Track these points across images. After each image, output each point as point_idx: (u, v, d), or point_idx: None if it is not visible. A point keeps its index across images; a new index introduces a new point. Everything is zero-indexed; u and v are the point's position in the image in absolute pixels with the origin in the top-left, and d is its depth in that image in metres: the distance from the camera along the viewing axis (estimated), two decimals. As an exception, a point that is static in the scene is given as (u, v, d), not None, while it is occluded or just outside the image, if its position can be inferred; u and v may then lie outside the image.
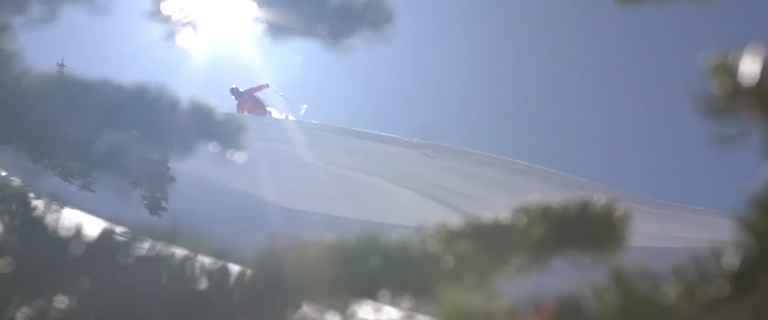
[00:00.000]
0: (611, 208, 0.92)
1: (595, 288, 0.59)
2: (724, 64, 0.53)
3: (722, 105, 0.53)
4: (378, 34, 1.01)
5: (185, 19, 0.93)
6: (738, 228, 0.61)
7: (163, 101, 0.94)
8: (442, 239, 0.88)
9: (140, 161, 0.82)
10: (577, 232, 0.90)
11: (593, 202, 0.93)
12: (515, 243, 0.87)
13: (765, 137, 0.54)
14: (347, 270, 0.77)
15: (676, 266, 0.64)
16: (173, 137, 0.89)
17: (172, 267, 0.56)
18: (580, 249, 0.91)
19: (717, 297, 0.62)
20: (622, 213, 0.92)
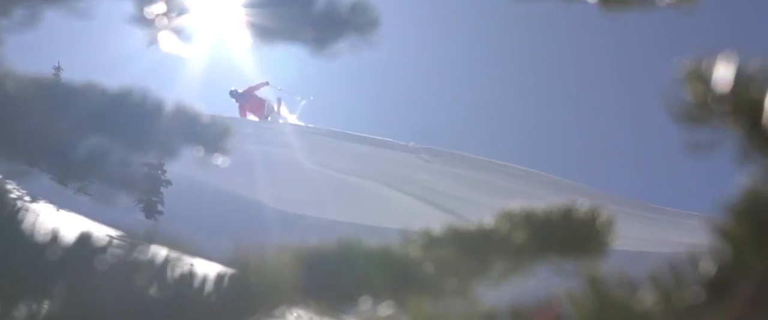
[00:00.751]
0: (594, 214, 0.92)
1: (570, 294, 0.59)
2: (697, 71, 0.53)
3: (695, 112, 0.53)
4: (364, 39, 1.01)
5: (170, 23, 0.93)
6: (714, 235, 0.61)
7: (148, 104, 0.94)
8: (424, 244, 0.88)
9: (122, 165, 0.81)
10: (560, 238, 0.90)
11: (576, 207, 0.93)
12: (497, 248, 0.87)
13: (738, 144, 0.54)
14: (326, 274, 0.76)
15: (652, 272, 0.64)
16: (157, 141, 0.89)
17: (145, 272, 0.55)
18: (563, 255, 0.91)
19: (693, 303, 0.62)
20: (606, 219, 0.92)
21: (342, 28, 1.01)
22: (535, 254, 0.89)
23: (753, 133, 0.53)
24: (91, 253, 0.59)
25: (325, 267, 0.79)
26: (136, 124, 0.89)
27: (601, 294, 0.60)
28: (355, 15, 1.00)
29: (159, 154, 0.90)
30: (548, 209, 0.92)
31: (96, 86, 0.94)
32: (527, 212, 0.93)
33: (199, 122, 0.98)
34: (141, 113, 0.90)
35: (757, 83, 0.53)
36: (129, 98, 0.93)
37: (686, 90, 0.53)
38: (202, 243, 0.83)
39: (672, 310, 0.61)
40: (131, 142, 0.87)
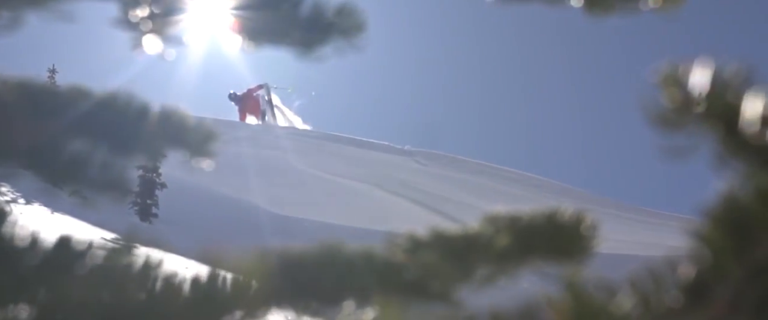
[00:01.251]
0: (579, 218, 0.92)
1: (548, 299, 0.59)
2: (674, 76, 0.53)
3: (672, 117, 0.53)
4: (349, 42, 1.01)
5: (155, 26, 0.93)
6: (693, 240, 0.61)
7: (133, 108, 0.94)
8: (409, 247, 0.88)
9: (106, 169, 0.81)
10: (544, 242, 0.90)
11: (561, 212, 0.93)
12: (481, 252, 0.86)
13: (715, 149, 0.54)
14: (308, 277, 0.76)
15: (631, 276, 0.64)
16: (142, 145, 0.89)
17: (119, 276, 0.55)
18: (547, 259, 0.91)
19: (671, 307, 0.62)
20: (590, 223, 0.92)
21: (328, 31, 1.01)
22: (520, 258, 0.89)
23: (729, 138, 0.53)
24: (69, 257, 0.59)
25: (307, 270, 0.79)
26: (121, 127, 0.88)
27: (580, 298, 0.60)
28: (340, 18, 1.00)
29: (144, 157, 0.90)
30: (533, 213, 0.92)
31: (81, 89, 0.94)
32: (512, 216, 0.93)
33: (184, 126, 0.98)
34: (126, 117, 0.90)
35: (733, 88, 0.53)
36: (114, 102, 0.92)
37: (663, 95, 0.53)
38: (195, 246, 0.83)
39: (651, 314, 0.61)
40: (116, 145, 0.87)
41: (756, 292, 0.62)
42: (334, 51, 1.03)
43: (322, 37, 1.03)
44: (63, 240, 0.62)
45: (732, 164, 0.54)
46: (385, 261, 0.83)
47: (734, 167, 0.55)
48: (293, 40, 1.05)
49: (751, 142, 0.53)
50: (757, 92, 0.53)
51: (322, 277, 0.79)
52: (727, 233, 0.59)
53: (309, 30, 1.02)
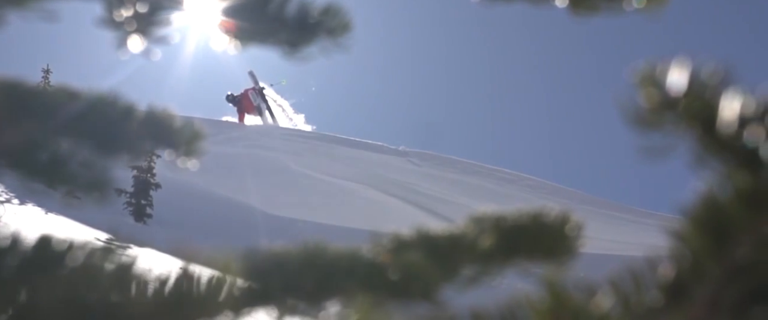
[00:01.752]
0: (564, 218, 0.92)
1: (527, 299, 0.59)
2: (652, 76, 0.53)
3: (649, 117, 0.53)
4: (336, 42, 1.01)
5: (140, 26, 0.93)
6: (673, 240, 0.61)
7: (117, 107, 0.93)
8: (393, 247, 0.88)
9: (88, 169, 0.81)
10: (528, 242, 0.90)
11: (546, 212, 0.93)
12: (465, 252, 0.86)
13: (693, 149, 0.54)
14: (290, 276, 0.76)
15: (612, 276, 0.64)
16: (126, 145, 0.89)
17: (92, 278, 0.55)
18: (531, 259, 0.91)
19: (651, 308, 0.62)
20: (575, 223, 0.92)
21: (314, 31, 1.01)
22: (504, 258, 0.89)
23: (706, 138, 0.53)
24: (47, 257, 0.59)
25: (289, 270, 0.79)
26: (105, 127, 0.88)
27: (559, 298, 0.60)
28: (327, 18, 1.00)
29: (128, 157, 0.90)
30: (518, 213, 0.93)
31: (65, 88, 0.93)
32: (497, 216, 0.93)
33: (170, 125, 0.98)
34: (109, 117, 0.90)
35: (711, 88, 0.53)
36: (98, 101, 0.92)
37: (640, 94, 0.53)
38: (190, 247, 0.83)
39: (630, 314, 0.61)
40: (99, 145, 0.87)
41: (735, 293, 0.62)
42: (320, 51, 1.03)
43: (308, 36, 1.03)
44: (43, 241, 0.62)
45: (710, 164, 0.55)
46: (369, 261, 0.83)
47: (712, 167, 0.55)
48: (280, 40, 1.05)
49: (729, 142, 0.53)
50: (734, 91, 0.53)
51: (304, 277, 0.79)
52: (706, 233, 0.59)
53: (295, 30, 1.02)
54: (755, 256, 0.60)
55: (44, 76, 19.38)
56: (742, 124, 0.54)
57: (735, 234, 0.59)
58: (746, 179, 0.56)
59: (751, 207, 0.57)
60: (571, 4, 0.88)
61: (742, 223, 0.58)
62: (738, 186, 0.56)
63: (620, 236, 15.39)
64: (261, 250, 0.83)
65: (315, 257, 0.82)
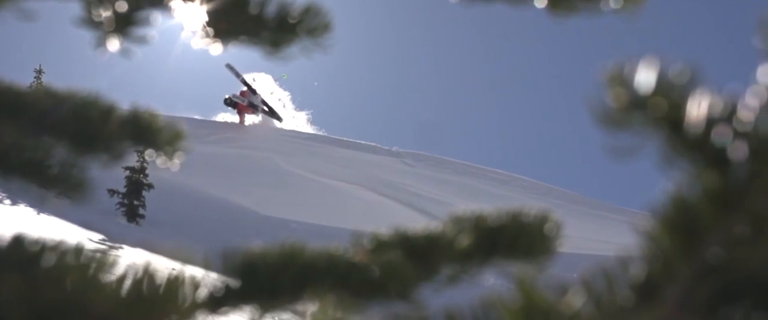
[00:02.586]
0: (543, 218, 0.92)
1: (498, 298, 0.59)
2: (620, 75, 0.53)
3: (617, 117, 0.53)
4: (316, 42, 1.01)
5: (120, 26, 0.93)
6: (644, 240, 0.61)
7: (96, 107, 0.93)
8: (372, 247, 0.88)
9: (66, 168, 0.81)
10: (507, 242, 0.90)
11: (525, 212, 0.93)
12: (443, 252, 0.87)
13: (661, 149, 0.54)
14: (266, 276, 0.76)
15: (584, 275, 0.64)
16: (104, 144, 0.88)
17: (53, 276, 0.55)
18: (510, 259, 0.91)
19: (622, 307, 0.62)
20: (554, 223, 0.92)
21: (294, 31, 1.01)
22: (483, 258, 0.89)
23: (674, 138, 0.54)
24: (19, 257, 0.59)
25: (266, 269, 0.79)
26: (83, 127, 0.88)
27: (530, 297, 0.60)
28: (307, 18, 1.00)
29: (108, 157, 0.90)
30: (497, 212, 0.93)
31: (45, 88, 0.93)
32: (477, 216, 0.93)
33: (151, 125, 0.98)
34: (89, 116, 0.90)
35: (679, 88, 0.53)
36: (77, 101, 0.92)
37: (609, 94, 0.53)
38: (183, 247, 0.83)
39: (601, 313, 0.62)
40: (78, 145, 0.87)
41: (705, 292, 0.62)
42: (301, 51, 1.03)
43: (288, 36, 1.03)
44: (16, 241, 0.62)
45: (679, 163, 0.55)
46: (347, 261, 0.83)
47: (681, 166, 0.55)
48: (261, 40, 1.05)
49: (697, 142, 0.54)
50: (702, 92, 0.53)
51: (281, 276, 0.79)
52: (675, 233, 0.59)
53: (276, 29, 1.02)
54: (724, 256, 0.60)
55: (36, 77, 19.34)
56: (710, 124, 0.54)
57: (704, 234, 0.59)
58: (715, 179, 0.56)
59: (719, 207, 0.58)
60: (550, 5, 0.89)
61: (711, 223, 0.58)
62: (706, 186, 0.56)
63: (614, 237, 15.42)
64: (240, 249, 0.83)
65: (292, 256, 0.82)
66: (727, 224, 0.58)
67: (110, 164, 0.92)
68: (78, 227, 12.39)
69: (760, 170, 0.54)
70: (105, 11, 0.91)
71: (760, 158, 0.54)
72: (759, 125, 0.53)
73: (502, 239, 0.90)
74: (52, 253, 0.54)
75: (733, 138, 0.54)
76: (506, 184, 22.48)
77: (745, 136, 0.54)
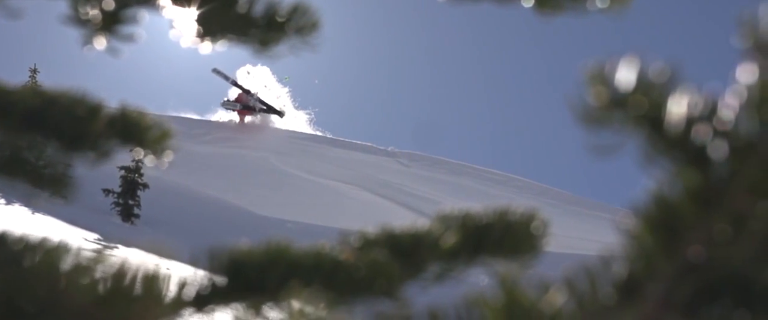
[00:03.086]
0: (529, 216, 0.93)
1: (479, 296, 0.59)
2: (601, 74, 0.53)
3: (598, 115, 0.53)
4: (304, 41, 1.01)
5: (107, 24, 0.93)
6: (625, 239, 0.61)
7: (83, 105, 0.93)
8: (359, 246, 0.88)
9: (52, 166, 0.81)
10: (493, 240, 0.90)
11: (512, 210, 0.93)
12: (429, 251, 0.87)
13: (641, 147, 0.54)
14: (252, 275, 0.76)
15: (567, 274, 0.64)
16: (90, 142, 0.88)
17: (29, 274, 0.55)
18: (496, 257, 0.91)
19: (604, 305, 0.62)
20: (540, 222, 0.93)
21: (282, 29, 1.01)
22: (469, 256, 0.89)
23: (655, 136, 0.54)
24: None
25: (252, 267, 0.79)
26: (69, 125, 0.88)
27: (512, 295, 0.61)
28: (295, 16, 1.00)
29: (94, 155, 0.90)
30: (484, 211, 0.93)
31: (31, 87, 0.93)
32: (464, 215, 0.93)
33: (138, 124, 0.98)
34: (75, 115, 0.90)
35: (659, 87, 0.53)
36: (64, 100, 0.92)
37: (589, 92, 0.53)
38: (179, 247, 0.83)
39: (583, 312, 0.62)
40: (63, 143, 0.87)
41: (687, 291, 0.62)
42: (289, 49, 1.03)
43: (277, 35, 1.03)
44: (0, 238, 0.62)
45: (660, 162, 0.55)
46: (333, 259, 0.83)
47: (662, 165, 0.55)
48: (249, 38, 1.05)
49: (677, 141, 0.54)
50: (682, 90, 0.54)
51: (267, 275, 0.79)
52: (657, 232, 0.60)
53: (264, 28, 1.02)
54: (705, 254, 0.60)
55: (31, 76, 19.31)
56: (690, 123, 0.54)
57: (685, 233, 0.60)
58: (695, 178, 0.56)
59: (700, 206, 0.58)
60: (537, 4, 0.89)
61: (691, 221, 0.59)
62: (687, 185, 0.57)
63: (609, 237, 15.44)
64: (227, 248, 0.83)
65: (279, 254, 0.82)
66: (707, 222, 0.58)
67: (98, 162, 0.92)
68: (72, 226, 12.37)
69: (740, 168, 0.54)
70: (92, 9, 0.91)
71: (740, 156, 0.54)
72: (739, 124, 0.53)
73: (489, 237, 0.90)
74: (34, 251, 0.54)
75: (713, 137, 0.54)
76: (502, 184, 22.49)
77: (725, 135, 0.54)
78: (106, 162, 0.93)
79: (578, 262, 1.03)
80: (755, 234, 0.59)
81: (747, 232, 0.58)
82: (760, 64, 0.51)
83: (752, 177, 0.56)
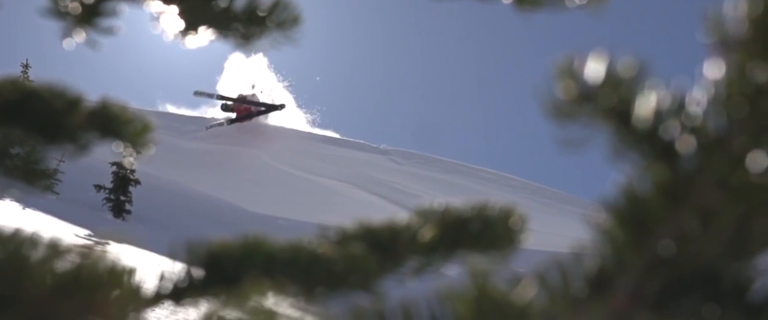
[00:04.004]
0: (507, 211, 0.93)
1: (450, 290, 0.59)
2: (570, 68, 0.53)
3: (567, 109, 0.53)
4: (285, 35, 1.02)
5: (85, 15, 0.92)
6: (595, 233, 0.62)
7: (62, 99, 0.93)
8: (336, 240, 0.88)
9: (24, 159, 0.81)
10: (471, 235, 0.90)
11: (491, 205, 0.93)
12: (407, 245, 0.87)
13: (610, 141, 0.55)
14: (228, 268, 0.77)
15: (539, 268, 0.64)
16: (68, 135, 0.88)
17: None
18: (474, 252, 0.91)
19: (574, 299, 0.62)
20: (519, 217, 0.93)
21: (263, 24, 1.01)
22: (447, 251, 0.90)
23: (623, 131, 0.54)
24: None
25: (229, 260, 0.79)
26: (47, 118, 0.88)
27: (482, 288, 0.61)
28: (276, 10, 1.00)
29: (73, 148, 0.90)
30: (463, 206, 0.93)
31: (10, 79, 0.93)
32: (443, 209, 0.94)
33: (118, 117, 0.98)
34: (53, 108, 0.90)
35: (628, 81, 0.54)
36: (43, 92, 0.92)
37: (558, 86, 0.54)
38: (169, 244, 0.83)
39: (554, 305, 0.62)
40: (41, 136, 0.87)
41: (656, 285, 0.62)
42: (270, 43, 1.03)
43: (258, 29, 1.03)
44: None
45: (629, 156, 0.55)
46: (310, 253, 0.83)
47: (631, 159, 0.55)
48: (231, 32, 1.05)
49: (645, 135, 0.54)
50: (650, 85, 0.54)
51: (244, 268, 0.79)
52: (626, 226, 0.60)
53: (246, 22, 1.02)
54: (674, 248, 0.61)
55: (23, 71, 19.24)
56: (658, 117, 0.54)
57: (654, 227, 0.60)
58: (663, 173, 0.56)
59: (668, 200, 0.58)
60: (516, 0, 0.89)
61: (660, 216, 0.59)
62: (655, 179, 0.57)
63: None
64: (204, 241, 0.83)
65: (256, 247, 0.82)
66: (676, 217, 0.58)
67: (76, 155, 0.92)
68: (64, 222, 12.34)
69: (708, 163, 0.55)
70: (71, 1, 0.91)
71: (708, 151, 0.54)
72: (706, 119, 0.54)
73: (467, 232, 0.91)
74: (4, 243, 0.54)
75: (681, 131, 0.54)
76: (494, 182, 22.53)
77: (693, 129, 0.54)
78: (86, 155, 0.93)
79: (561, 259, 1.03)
80: (723, 229, 0.59)
81: (715, 226, 0.59)
82: (726, 59, 0.51)
83: (720, 172, 0.56)
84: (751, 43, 0.50)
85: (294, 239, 0.87)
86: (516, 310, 0.61)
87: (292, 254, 0.83)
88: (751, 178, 0.56)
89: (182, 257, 0.82)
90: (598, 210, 0.61)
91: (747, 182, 0.57)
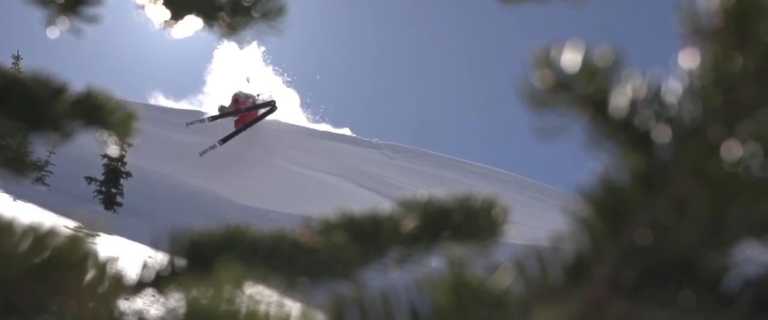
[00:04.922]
0: (490, 203, 0.93)
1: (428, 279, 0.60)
2: (546, 57, 0.54)
3: (543, 98, 0.54)
4: (270, 25, 1.02)
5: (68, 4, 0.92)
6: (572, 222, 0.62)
7: (47, 87, 0.93)
8: (319, 230, 0.89)
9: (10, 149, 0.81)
10: (453, 226, 0.91)
11: (473, 197, 0.94)
12: (389, 235, 0.87)
13: (587, 130, 0.55)
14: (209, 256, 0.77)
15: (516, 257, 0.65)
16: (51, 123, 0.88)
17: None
18: (457, 242, 0.92)
19: (552, 286, 0.63)
20: (501, 208, 0.93)
21: (249, 14, 1.01)
22: (429, 241, 0.90)
23: (599, 120, 0.54)
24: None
25: (211, 249, 0.79)
26: (30, 106, 0.88)
27: (459, 276, 0.61)
28: (261, 1, 1.01)
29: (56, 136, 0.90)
30: (446, 198, 0.94)
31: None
32: (426, 200, 0.94)
33: (102, 106, 0.98)
34: (36, 96, 0.90)
35: (604, 70, 0.54)
36: (27, 81, 0.92)
37: (535, 75, 0.54)
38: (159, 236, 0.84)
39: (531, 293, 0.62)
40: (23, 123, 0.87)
41: (633, 273, 0.63)
42: (255, 33, 1.03)
43: (244, 19, 1.03)
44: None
45: (605, 145, 0.56)
46: (292, 242, 0.84)
47: (607, 148, 0.56)
48: (217, 22, 1.05)
49: (621, 124, 0.55)
50: (626, 74, 0.54)
51: (226, 256, 0.79)
52: (603, 215, 0.60)
53: (231, 12, 1.03)
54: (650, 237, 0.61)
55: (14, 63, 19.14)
56: (634, 106, 0.55)
57: (630, 216, 0.60)
58: (639, 162, 0.57)
59: (644, 189, 0.59)
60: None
61: (636, 204, 0.59)
62: (631, 168, 0.57)
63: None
64: (187, 230, 0.84)
65: (238, 236, 0.82)
66: (651, 206, 0.59)
67: (61, 143, 0.92)
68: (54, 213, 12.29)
69: (683, 152, 0.55)
70: (56, -10, 0.91)
71: (683, 140, 0.55)
72: (681, 109, 0.54)
73: (449, 222, 0.91)
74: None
75: (656, 121, 0.54)
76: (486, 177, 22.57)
77: (669, 119, 0.55)
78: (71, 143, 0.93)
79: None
80: (698, 218, 0.60)
81: (690, 215, 0.59)
82: (700, 49, 0.52)
83: (695, 161, 0.57)
84: (724, 33, 0.50)
85: (277, 228, 0.87)
86: (493, 298, 0.61)
87: (274, 243, 0.83)
88: (725, 167, 0.57)
89: (165, 246, 0.83)
90: (575, 199, 0.62)
91: (722, 171, 0.57)
